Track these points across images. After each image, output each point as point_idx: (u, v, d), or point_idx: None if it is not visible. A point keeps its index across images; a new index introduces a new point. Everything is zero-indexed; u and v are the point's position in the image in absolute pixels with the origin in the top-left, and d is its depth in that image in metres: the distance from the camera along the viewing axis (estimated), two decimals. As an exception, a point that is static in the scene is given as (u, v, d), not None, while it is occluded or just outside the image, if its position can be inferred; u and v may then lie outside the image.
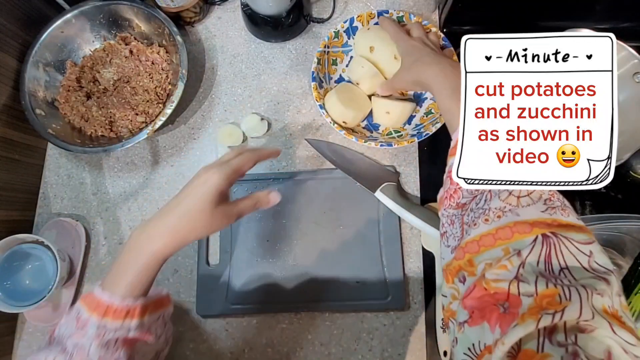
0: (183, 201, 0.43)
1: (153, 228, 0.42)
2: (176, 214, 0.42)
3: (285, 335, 0.60)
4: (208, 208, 0.42)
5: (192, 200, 0.43)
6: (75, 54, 0.69)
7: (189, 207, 0.42)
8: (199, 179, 0.44)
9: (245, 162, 0.46)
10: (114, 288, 0.40)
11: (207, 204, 0.42)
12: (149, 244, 0.41)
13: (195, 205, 0.42)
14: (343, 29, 0.65)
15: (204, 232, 0.44)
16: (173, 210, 0.42)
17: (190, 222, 0.42)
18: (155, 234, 0.42)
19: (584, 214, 0.61)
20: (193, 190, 0.43)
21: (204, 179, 0.43)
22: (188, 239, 0.43)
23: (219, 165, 0.45)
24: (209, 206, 0.42)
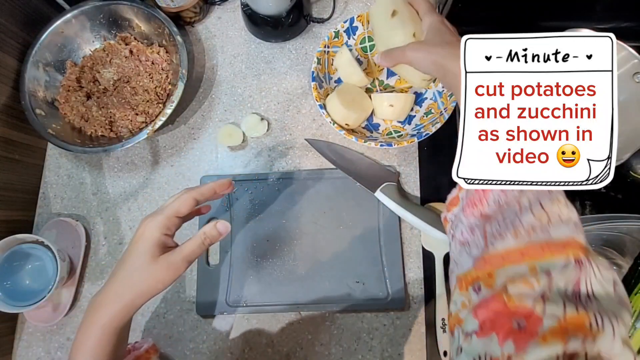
0: (123, 264, 0.41)
1: (101, 297, 0.40)
2: (119, 278, 0.40)
3: (285, 335, 0.60)
4: (147, 265, 0.40)
5: (131, 260, 0.41)
6: (75, 54, 0.69)
7: (129, 269, 0.40)
8: (136, 234, 0.42)
9: (182, 205, 0.43)
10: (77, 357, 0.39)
11: (145, 262, 0.40)
12: (97, 317, 0.39)
13: (134, 265, 0.40)
14: (343, 29, 0.65)
15: (152, 291, 0.41)
16: (116, 275, 0.41)
17: (133, 285, 0.40)
18: (102, 305, 0.40)
19: (584, 214, 0.61)
20: (132, 248, 0.41)
21: (140, 232, 0.41)
22: (136, 303, 0.40)
23: (154, 214, 0.43)
24: (148, 263, 0.40)
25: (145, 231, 0.41)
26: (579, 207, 0.62)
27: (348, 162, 0.63)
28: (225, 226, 0.45)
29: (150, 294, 0.41)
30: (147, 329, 0.61)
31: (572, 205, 0.38)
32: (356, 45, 0.67)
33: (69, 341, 0.61)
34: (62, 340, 0.61)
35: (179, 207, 0.43)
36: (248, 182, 0.64)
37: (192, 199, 0.44)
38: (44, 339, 0.62)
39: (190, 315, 0.61)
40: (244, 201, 0.64)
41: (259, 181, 0.64)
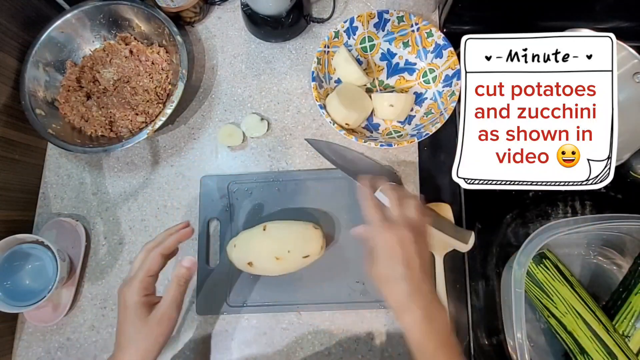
0: (123, 334, 0.44)
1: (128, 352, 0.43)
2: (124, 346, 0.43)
3: (285, 335, 0.60)
4: (141, 328, 0.43)
5: (126, 329, 0.43)
6: (75, 54, 0.69)
7: (130, 337, 0.43)
8: (120, 304, 0.45)
9: (152, 265, 0.46)
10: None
11: (139, 326, 0.43)
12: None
13: (131, 333, 0.43)
14: (343, 29, 0.65)
15: (159, 347, 0.44)
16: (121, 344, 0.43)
17: (139, 349, 0.43)
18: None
19: (584, 213, 0.61)
20: (122, 318, 0.44)
21: (122, 302, 0.44)
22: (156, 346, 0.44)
23: (129, 282, 0.45)
24: (141, 326, 0.43)
25: (126, 299, 0.44)
26: (579, 207, 0.62)
27: (348, 162, 0.63)
28: (191, 261, 0.48)
29: (158, 349, 0.44)
30: (147, 329, 0.61)
31: None
32: (356, 45, 0.67)
33: (69, 341, 0.61)
34: (62, 340, 0.61)
35: (150, 267, 0.46)
36: (248, 182, 0.64)
37: (160, 256, 0.47)
38: (44, 339, 0.62)
39: (190, 315, 0.61)
40: (244, 201, 0.64)
41: (259, 181, 0.64)
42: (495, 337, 0.58)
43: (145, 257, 0.47)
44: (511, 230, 0.61)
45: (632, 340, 0.52)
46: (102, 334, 0.61)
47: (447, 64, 0.63)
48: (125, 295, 0.44)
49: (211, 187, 0.65)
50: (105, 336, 0.61)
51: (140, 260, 0.47)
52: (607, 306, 0.56)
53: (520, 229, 0.61)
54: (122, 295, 0.44)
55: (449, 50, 0.62)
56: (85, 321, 0.62)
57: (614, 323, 0.53)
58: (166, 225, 0.64)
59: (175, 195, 0.66)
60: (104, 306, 0.62)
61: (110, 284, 0.63)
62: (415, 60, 0.67)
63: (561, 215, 0.62)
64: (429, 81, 0.65)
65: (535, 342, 0.58)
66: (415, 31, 0.65)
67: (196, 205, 0.65)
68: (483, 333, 0.58)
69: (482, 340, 0.58)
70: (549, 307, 0.53)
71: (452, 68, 0.62)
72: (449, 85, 0.62)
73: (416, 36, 0.65)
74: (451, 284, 0.59)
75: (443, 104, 0.62)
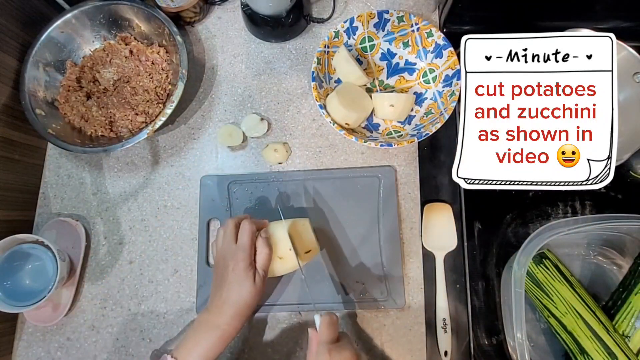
0: (230, 291, 0.49)
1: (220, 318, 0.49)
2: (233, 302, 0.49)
3: (285, 335, 0.60)
4: (252, 289, 0.49)
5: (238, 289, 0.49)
6: (75, 54, 0.69)
7: (241, 295, 0.49)
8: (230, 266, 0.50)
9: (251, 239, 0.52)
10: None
11: (250, 288, 0.49)
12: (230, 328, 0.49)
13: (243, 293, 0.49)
14: (343, 29, 0.65)
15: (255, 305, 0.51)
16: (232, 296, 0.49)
17: (247, 305, 0.49)
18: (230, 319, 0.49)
19: (584, 213, 0.61)
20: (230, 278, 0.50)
21: (237, 266, 0.49)
22: (248, 317, 0.51)
23: (242, 248, 0.50)
24: (251, 287, 0.49)
25: (245, 265, 0.49)
26: (579, 207, 0.62)
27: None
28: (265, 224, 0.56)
29: (253, 310, 0.52)
30: (147, 329, 0.61)
31: None
32: (356, 45, 0.67)
33: (69, 341, 0.61)
34: (62, 340, 0.61)
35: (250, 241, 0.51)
36: (248, 182, 0.64)
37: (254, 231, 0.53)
38: (44, 339, 0.62)
39: (190, 315, 0.61)
40: (244, 201, 0.64)
41: (259, 181, 0.64)
42: (495, 337, 0.58)
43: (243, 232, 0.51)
44: (511, 230, 0.61)
45: (632, 340, 0.52)
46: (102, 334, 0.61)
47: (447, 64, 0.63)
48: (245, 261, 0.49)
49: (211, 187, 0.65)
50: (105, 336, 0.61)
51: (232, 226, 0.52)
52: (607, 306, 0.56)
53: (520, 229, 0.61)
54: (239, 261, 0.49)
55: (449, 50, 0.62)
56: (85, 321, 0.62)
57: (614, 323, 0.53)
58: (166, 225, 0.65)
59: (175, 195, 0.66)
60: (104, 306, 0.62)
61: (110, 284, 0.63)
62: (415, 60, 0.67)
63: (561, 215, 0.62)
64: (429, 81, 0.65)
65: (535, 342, 0.58)
66: (415, 31, 0.65)
67: (196, 205, 0.65)
68: (483, 333, 0.58)
69: (482, 340, 0.58)
70: (549, 307, 0.53)
71: (452, 68, 0.62)
72: (449, 85, 0.62)
73: (416, 36, 0.65)
74: (451, 284, 0.59)
75: (443, 104, 0.62)
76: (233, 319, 0.49)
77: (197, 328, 0.49)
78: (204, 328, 0.49)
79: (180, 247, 0.64)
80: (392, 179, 0.63)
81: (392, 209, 0.62)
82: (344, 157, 0.66)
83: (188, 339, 0.49)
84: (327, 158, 0.66)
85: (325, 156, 0.66)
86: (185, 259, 0.63)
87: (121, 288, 0.63)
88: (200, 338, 0.48)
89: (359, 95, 0.64)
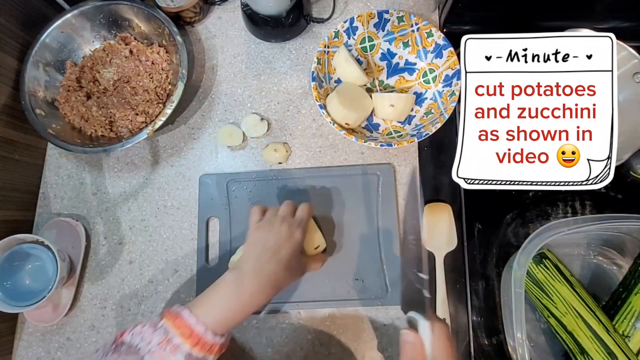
0: (277, 256, 0.48)
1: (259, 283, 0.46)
2: (275, 271, 0.47)
3: (285, 335, 0.60)
4: (296, 262, 0.50)
5: (285, 256, 0.49)
6: (75, 54, 0.69)
7: (285, 263, 0.48)
8: (283, 234, 0.50)
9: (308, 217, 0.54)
10: (206, 319, 0.43)
11: (295, 259, 0.50)
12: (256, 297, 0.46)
13: (289, 262, 0.49)
14: (343, 29, 0.65)
15: (291, 282, 0.51)
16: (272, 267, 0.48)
17: (286, 275, 0.49)
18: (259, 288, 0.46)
19: (584, 213, 0.61)
20: (285, 247, 0.49)
21: (289, 234, 0.50)
22: (281, 289, 0.49)
23: (298, 223, 0.52)
24: (297, 260, 0.50)
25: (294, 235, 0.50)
26: (579, 207, 0.62)
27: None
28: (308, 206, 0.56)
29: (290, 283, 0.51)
30: (147, 329, 0.61)
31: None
32: (356, 45, 0.67)
33: (69, 341, 0.61)
34: (62, 340, 0.61)
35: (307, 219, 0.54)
36: (248, 181, 0.64)
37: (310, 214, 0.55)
38: (44, 339, 0.62)
39: (190, 315, 0.61)
40: (244, 200, 0.64)
41: (259, 181, 0.64)
42: (495, 337, 0.58)
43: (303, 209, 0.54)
44: (511, 230, 0.61)
45: (632, 340, 0.52)
46: (102, 334, 0.61)
47: (447, 64, 0.63)
48: (295, 232, 0.50)
49: (210, 186, 0.65)
50: (105, 336, 0.61)
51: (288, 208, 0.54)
52: (607, 306, 0.56)
53: (520, 229, 0.61)
54: (289, 230, 0.50)
55: (449, 50, 0.62)
56: (85, 321, 0.62)
57: (614, 323, 0.53)
58: (166, 225, 0.65)
59: (175, 195, 0.66)
60: (104, 306, 0.62)
61: (110, 284, 0.63)
62: (415, 60, 0.67)
63: (561, 215, 0.62)
64: (429, 81, 0.65)
65: (535, 342, 0.58)
66: (415, 31, 0.65)
67: (196, 205, 0.65)
68: (483, 333, 0.58)
69: (482, 340, 0.58)
70: (549, 307, 0.53)
71: (452, 68, 0.62)
72: (449, 85, 0.62)
73: (416, 36, 0.65)
74: (451, 284, 0.59)
75: (443, 104, 0.62)
76: (263, 289, 0.46)
77: (221, 288, 0.46)
78: (229, 290, 0.46)
79: (180, 247, 0.64)
80: (391, 176, 0.63)
81: (391, 207, 0.62)
82: (344, 157, 0.66)
83: (208, 297, 0.46)
84: (327, 158, 0.66)
85: (325, 156, 0.66)
86: (185, 259, 0.63)
87: (121, 288, 0.63)
88: (222, 299, 0.45)
89: (359, 95, 0.64)
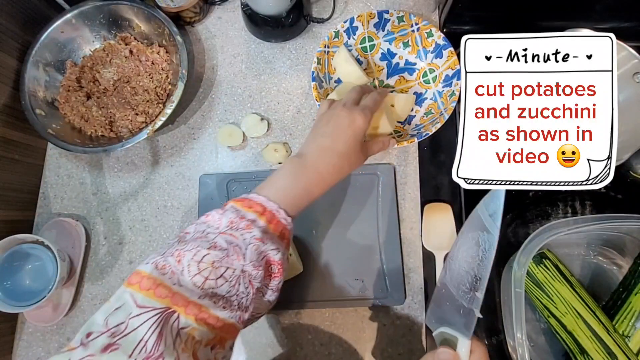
0: (339, 141, 0.47)
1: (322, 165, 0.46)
2: (337, 154, 0.46)
3: (285, 335, 0.60)
4: (359, 147, 0.48)
5: (346, 140, 0.47)
6: (75, 54, 0.69)
7: (346, 148, 0.47)
8: (343, 120, 0.48)
9: (376, 105, 0.51)
10: (276, 198, 0.42)
11: (358, 144, 0.48)
12: (321, 180, 0.45)
13: (350, 147, 0.47)
14: (343, 29, 0.65)
15: (353, 169, 0.49)
16: (333, 150, 0.46)
17: (348, 161, 0.47)
18: (324, 171, 0.46)
19: (584, 213, 0.61)
20: (345, 132, 0.47)
21: (350, 120, 0.47)
22: (343, 176, 0.48)
23: (361, 109, 0.49)
24: (359, 145, 0.48)
25: (356, 121, 0.48)
26: (579, 207, 0.62)
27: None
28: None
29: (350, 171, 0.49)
30: (147, 329, 0.61)
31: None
32: (356, 45, 0.67)
33: (69, 341, 0.61)
34: (62, 340, 0.61)
35: (376, 107, 0.51)
36: (248, 181, 0.64)
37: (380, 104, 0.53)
38: (44, 339, 0.62)
39: (190, 315, 0.61)
40: (244, 201, 0.64)
41: (259, 181, 0.64)
42: (495, 337, 0.58)
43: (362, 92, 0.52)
44: (511, 230, 0.61)
45: (632, 340, 0.52)
46: (102, 334, 0.61)
47: (447, 64, 0.63)
48: (357, 117, 0.48)
49: (210, 186, 0.65)
50: (105, 336, 0.61)
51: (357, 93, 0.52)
52: (607, 306, 0.56)
53: (520, 229, 0.61)
54: (351, 116, 0.48)
55: (449, 50, 0.62)
56: (85, 321, 0.62)
57: (614, 323, 0.53)
58: (166, 225, 0.65)
59: (175, 195, 0.66)
60: (104, 306, 0.62)
61: (110, 284, 0.63)
62: (415, 60, 0.67)
63: (561, 215, 0.62)
64: (429, 81, 0.65)
65: (535, 342, 0.58)
66: (415, 31, 0.65)
67: (196, 205, 0.65)
68: (483, 333, 0.58)
69: (482, 340, 0.58)
70: (549, 307, 0.53)
71: (452, 68, 0.62)
72: (449, 85, 0.62)
73: (416, 36, 0.65)
74: (451, 284, 0.59)
75: (443, 104, 0.62)
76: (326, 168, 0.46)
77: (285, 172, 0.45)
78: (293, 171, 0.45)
79: (180, 247, 0.64)
80: (391, 176, 0.63)
81: (391, 206, 0.62)
82: (344, 157, 0.66)
83: (273, 181, 0.45)
84: (327, 158, 0.66)
85: (325, 156, 0.66)
86: (185, 259, 0.63)
87: (121, 288, 0.63)
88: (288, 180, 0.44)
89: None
